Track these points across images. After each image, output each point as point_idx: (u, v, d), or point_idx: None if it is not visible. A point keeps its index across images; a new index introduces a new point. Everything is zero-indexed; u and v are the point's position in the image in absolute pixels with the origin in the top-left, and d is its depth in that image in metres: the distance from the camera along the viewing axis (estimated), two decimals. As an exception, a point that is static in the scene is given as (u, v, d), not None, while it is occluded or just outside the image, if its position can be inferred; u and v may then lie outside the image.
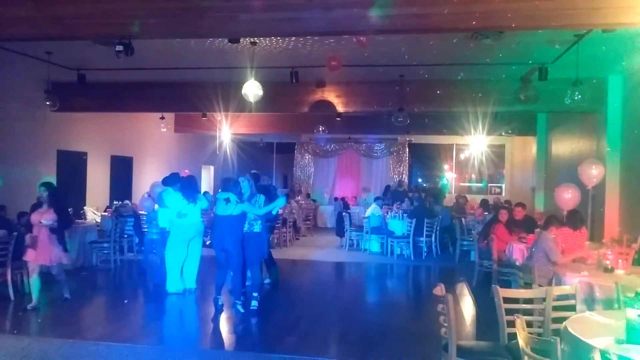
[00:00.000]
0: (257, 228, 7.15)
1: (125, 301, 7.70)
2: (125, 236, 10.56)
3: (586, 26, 6.03)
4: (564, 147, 12.57)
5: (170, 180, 8.13)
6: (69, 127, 11.60)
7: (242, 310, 6.86)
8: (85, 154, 12.28)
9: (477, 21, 5.01)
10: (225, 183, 7.39)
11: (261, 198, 7.45)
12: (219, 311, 6.84)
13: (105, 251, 9.96)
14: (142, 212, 11.84)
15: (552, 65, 8.43)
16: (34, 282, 6.87)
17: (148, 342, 5.74)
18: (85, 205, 11.53)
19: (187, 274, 7.99)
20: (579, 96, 7.63)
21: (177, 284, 7.84)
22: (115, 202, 12.08)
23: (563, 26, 5.82)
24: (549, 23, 5.08)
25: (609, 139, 9.41)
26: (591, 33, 6.69)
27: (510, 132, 14.65)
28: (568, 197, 8.20)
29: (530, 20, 4.92)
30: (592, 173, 8.33)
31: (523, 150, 17.52)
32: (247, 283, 7.52)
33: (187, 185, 7.92)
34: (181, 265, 7.89)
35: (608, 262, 5.55)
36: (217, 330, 6.49)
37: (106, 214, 11.20)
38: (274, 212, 7.52)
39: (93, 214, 11.06)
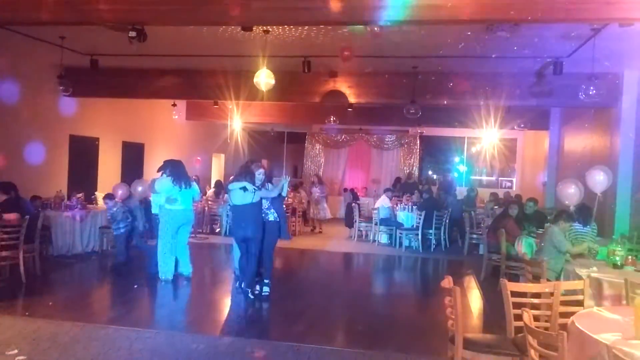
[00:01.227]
0: (271, 217, 7.21)
1: (135, 286, 7.78)
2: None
3: (603, 20, 5.96)
4: (576, 142, 12.47)
5: (162, 166, 8.14)
6: (81, 113, 11.66)
7: (252, 297, 6.92)
8: (97, 139, 12.36)
9: (493, 13, 4.97)
10: (238, 172, 7.37)
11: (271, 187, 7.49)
12: (249, 299, 6.87)
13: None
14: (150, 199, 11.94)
15: (568, 59, 8.34)
16: None
17: (156, 327, 5.79)
18: (96, 190, 11.61)
19: (182, 262, 8.03)
20: (594, 91, 7.54)
21: (168, 270, 7.81)
22: (126, 188, 12.16)
23: (580, 20, 5.75)
24: (566, 16, 5.02)
25: (623, 135, 9.32)
26: (608, 27, 6.61)
27: (522, 126, 14.54)
28: (571, 192, 8.07)
29: (547, 13, 4.87)
30: (599, 179, 8.08)
31: (535, 144, 17.39)
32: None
33: (175, 170, 7.89)
34: (172, 252, 7.87)
35: (618, 258, 5.52)
36: (224, 317, 6.54)
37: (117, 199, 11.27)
38: (283, 194, 7.49)
39: (104, 199, 11.14)
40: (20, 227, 7.24)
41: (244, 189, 6.84)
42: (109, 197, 8.88)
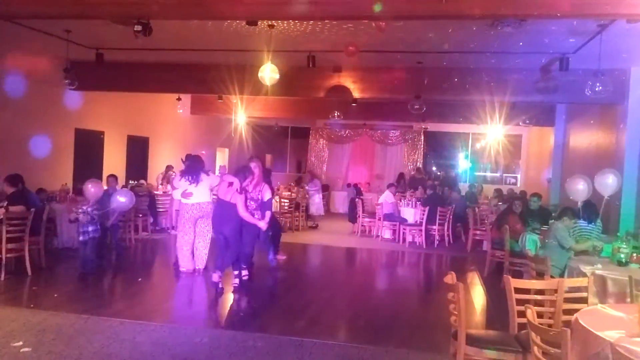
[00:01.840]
0: (256, 216, 7.20)
1: (139, 279, 7.81)
2: (140, 215, 10.70)
3: (610, 16, 5.92)
4: (582, 138, 12.41)
5: (184, 160, 8.39)
6: (86, 106, 11.69)
7: (220, 288, 6.99)
8: (102, 133, 12.38)
9: (498, 8, 4.95)
10: (237, 168, 7.44)
11: (265, 189, 7.42)
12: (218, 293, 6.96)
13: (120, 229, 10.07)
14: (157, 192, 12.00)
15: (574, 55, 8.30)
16: None
17: (159, 321, 5.81)
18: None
19: (197, 255, 8.11)
20: (600, 88, 7.51)
21: (186, 262, 7.98)
22: (130, 182, 12.21)
23: (586, 15, 5.73)
24: (572, 12, 4.99)
25: (630, 131, 9.27)
26: (615, 23, 6.57)
27: (527, 122, 14.48)
28: (580, 188, 8.04)
29: (553, 8, 4.85)
30: (609, 183, 7.96)
31: (540, 140, 17.32)
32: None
33: (190, 165, 8.06)
34: (191, 245, 8.00)
35: (622, 255, 5.50)
36: (227, 311, 6.56)
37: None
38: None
39: (109, 192, 11.18)
40: (26, 220, 7.27)
41: (231, 184, 6.88)
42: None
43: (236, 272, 7.21)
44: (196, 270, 8.08)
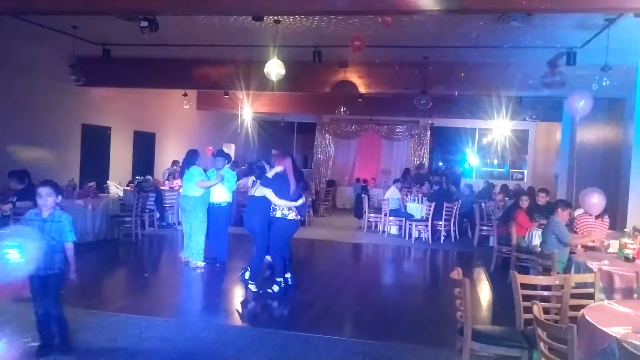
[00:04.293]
0: (278, 214, 6.93)
1: (146, 274, 7.84)
2: (147, 211, 10.74)
3: (618, 10, 5.88)
4: (589, 134, 12.33)
5: None
6: (93, 102, 11.73)
7: (254, 290, 6.77)
8: (109, 128, 12.43)
9: (505, 2, 4.91)
10: (250, 167, 7.60)
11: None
12: (245, 286, 6.92)
13: (127, 225, 10.12)
14: (164, 188, 12.04)
15: (581, 49, 8.25)
16: None
17: (167, 316, 5.84)
18: (108, 179, 11.70)
19: (192, 248, 8.11)
20: (608, 82, 7.45)
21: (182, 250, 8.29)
22: (137, 177, 12.25)
23: (594, 9, 5.68)
24: (579, 6, 4.96)
25: (637, 126, 9.20)
26: (622, 17, 6.52)
27: (534, 117, 14.40)
28: (595, 202, 7.65)
29: (560, 2, 4.81)
30: (593, 202, 7.56)
31: (547, 136, 17.23)
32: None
33: (184, 159, 8.35)
34: (185, 235, 8.13)
35: (629, 251, 5.47)
36: (234, 307, 6.58)
37: (128, 188, 11.37)
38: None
39: (116, 188, 11.24)
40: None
41: (254, 181, 7.03)
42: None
43: (278, 279, 6.93)
44: (187, 261, 8.05)
